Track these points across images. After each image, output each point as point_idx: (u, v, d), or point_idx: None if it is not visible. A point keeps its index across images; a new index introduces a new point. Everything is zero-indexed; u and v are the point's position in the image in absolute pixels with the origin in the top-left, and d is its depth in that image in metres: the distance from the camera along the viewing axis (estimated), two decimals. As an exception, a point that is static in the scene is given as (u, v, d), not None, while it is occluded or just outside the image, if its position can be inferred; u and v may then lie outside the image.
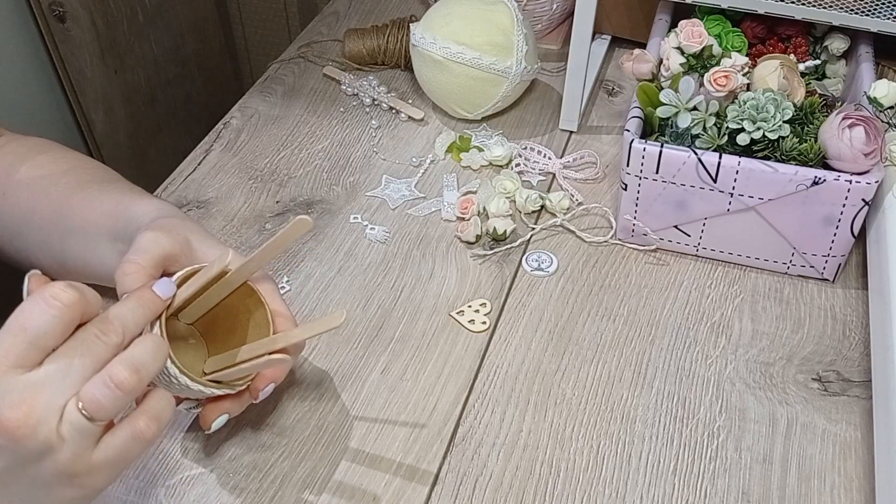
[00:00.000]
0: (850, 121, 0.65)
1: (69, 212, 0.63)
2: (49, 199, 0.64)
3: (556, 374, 0.66)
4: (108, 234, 0.61)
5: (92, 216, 0.62)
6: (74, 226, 0.63)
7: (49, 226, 0.64)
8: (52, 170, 0.66)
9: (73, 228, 0.63)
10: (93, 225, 0.62)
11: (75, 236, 0.63)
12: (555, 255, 0.76)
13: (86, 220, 0.63)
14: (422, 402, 0.64)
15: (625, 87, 0.97)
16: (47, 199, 0.64)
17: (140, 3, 1.20)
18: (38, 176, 0.66)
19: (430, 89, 0.90)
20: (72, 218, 0.63)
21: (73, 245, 0.64)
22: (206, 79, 1.41)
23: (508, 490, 0.59)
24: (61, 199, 0.64)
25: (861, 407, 0.64)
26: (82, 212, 0.63)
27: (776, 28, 0.85)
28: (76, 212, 0.63)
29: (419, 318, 0.71)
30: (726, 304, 0.72)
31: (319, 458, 0.61)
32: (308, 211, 0.81)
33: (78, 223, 0.63)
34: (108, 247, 0.62)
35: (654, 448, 0.61)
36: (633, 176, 0.71)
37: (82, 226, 0.63)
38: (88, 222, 0.62)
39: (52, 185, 0.65)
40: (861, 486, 0.59)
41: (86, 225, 0.62)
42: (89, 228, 0.62)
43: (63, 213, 0.64)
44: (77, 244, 0.63)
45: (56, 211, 0.64)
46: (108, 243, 0.62)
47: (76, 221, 0.63)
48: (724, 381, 0.66)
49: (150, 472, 0.60)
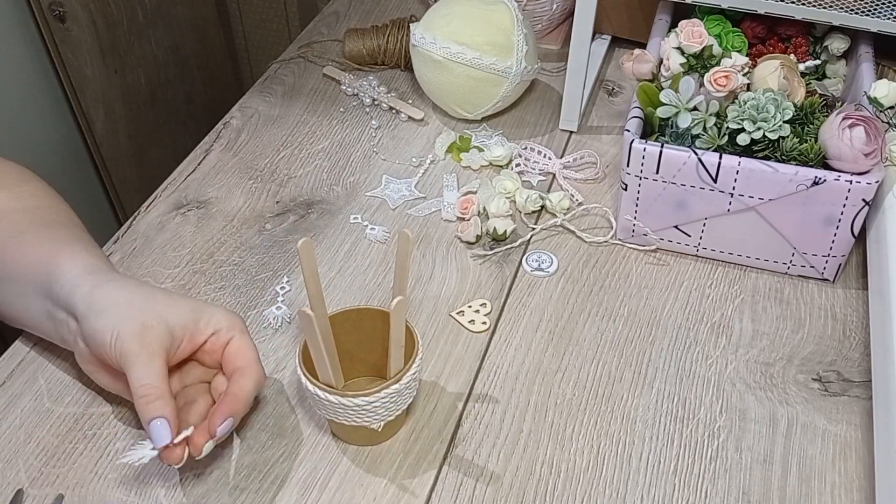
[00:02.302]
0: (851, 121, 0.65)
1: (5, 257, 0.62)
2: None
3: (556, 374, 0.66)
4: (35, 288, 0.61)
5: (24, 266, 0.61)
6: (6, 274, 0.62)
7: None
8: (3, 207, 0.65)
9: (8, 276, 0.62)
10: (22, 276, 0.61)
11: (7, 285, 0.62)
12: (555, 256, 0.76)
13: (16, 270, 0.62)
14: (422, 403, 0.64)
15: (625, 87, 0.97)
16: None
17: (140, 3, 1.20)
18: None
19: (430, 89, 0.90)
20: (8, 264, 0.62)
21: (6, 292, 0.63)
22: (206, 79, 1.41)
23: (509, 490, 0.59)
24: (2, 242, 0.63)
25: (861, 407, 0.64)
26: (14, 260, 0.62)
27: (776, 28, 0.85)
28: (12, 258, 0.62)
29: (419, 318, 0.71)
30: (726, 304, 0.72)
31: (319, 458, 0.61)
32: (308, 211, 0.81)
33: (9, 272, 0.62)
34: (37, 302, 0.61)
35: (655, 448, 0.61)
36: (634, 176, 0.71)
37: (15, 275, 0.62)
38: (18, 273, 0.61)
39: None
40: (861, 487, 0.59)
41: (15, 275, 0.62)
42: (19, 279, 0.61)
43: (1, 258, 0.62)
44: (10, 292, 0.63)
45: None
46: (36, 298, 0.61)
47: (8, 271, 0.62)
48: (724, 382, 0.66)
49: (150, 472, 0.59)
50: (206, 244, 0.78)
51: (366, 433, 0.59)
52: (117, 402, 0.64)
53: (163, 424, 0.54)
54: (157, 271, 0.75)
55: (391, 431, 0.61)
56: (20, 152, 0.72)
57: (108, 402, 0.64)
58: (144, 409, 0.54)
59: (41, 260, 0.61)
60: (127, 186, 1.26)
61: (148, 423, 0.54)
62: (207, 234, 0.78)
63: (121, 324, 0.56)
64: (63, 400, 0.64)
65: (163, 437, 0.54)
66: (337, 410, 0.57)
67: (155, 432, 0.54)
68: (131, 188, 1.27)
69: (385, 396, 0.56)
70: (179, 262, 0.75)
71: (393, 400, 0.57)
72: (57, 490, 0.58)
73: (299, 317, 0.53)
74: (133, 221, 0.80)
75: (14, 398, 0.64)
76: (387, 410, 0.57)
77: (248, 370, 0.59)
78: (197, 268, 0.75)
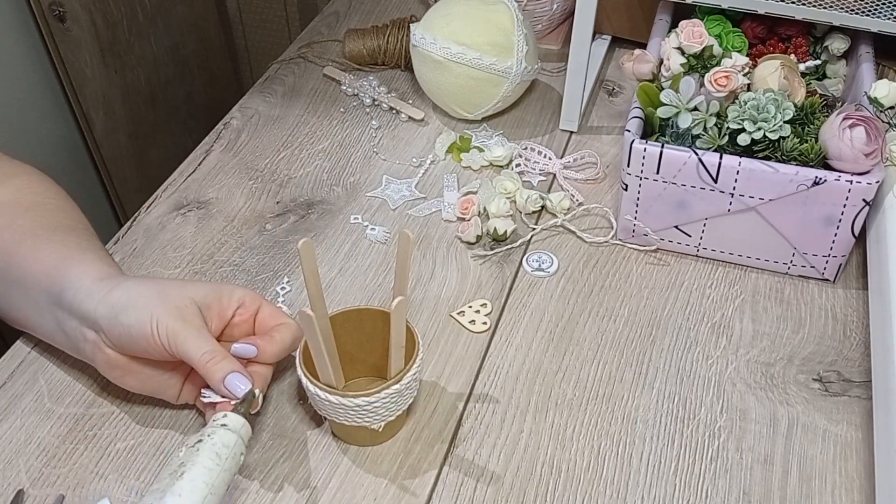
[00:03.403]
0: (851, 121, 0.65)
1: (14, 261, 0.62)
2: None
3: (556, 374, 0.66)
4: (45, 294, 0.60)
5: (32, 271, 0.61)
6: (16, 278, 0.62)
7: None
8: (14, 208, 0.64)
9: (15, 280, 0.62)
10: (32, 280, 0.61)
11: (17, 288, 0.62)
12: (555, 256, 0.76)
13: (26, 273, 0.61)
14: (423, 403, 0.64)
15: (625, 88, 0.97)
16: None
17: (140, 3, 1.20)
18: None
19: (430, 89, 0.90)
20: (16, 268, 0.62)
21: (15, 296, 0.63)
22: (206, 79, 1.41)
23: (509, 490, 0.59)
24: (10, 244, 0.62)
25: (862, 407, 0.64)
26: (25, 263, 0.61)
27: (776, 28, 0.85)
28: (20, 262, 0.62)
29: (420, 318, 0.71)
30: (727, 304, 0.72)
31: (320, 458, 0.61)
32: (308, 211, 0.81)
33: (19, 276, 0.62)
34: (46, 309, 0.61)
35: (655, 448, 0.61)
36: (634, 176, 0.71)
37: (22, 280, 0.61)
38: (28, 277, 0.61)
39: (5, 229, 0.63)
40: (862, 487, 0.59)
41: (26, 279, 0.61)
42: (29, 284, 0.61)
43: (9, 262, 0.62)
44: (19, 296, 0.62)
45: (2, 258, 0.62)
46: (46, 305, 0.61)
47: (18, 273, 0.62)
48: (724, 382, 0.66)
49: (150, 472, 0.59)
50: (207, 244, 0.78)
51: (366, 433, 0.59)
52: (118, 402, 0.64)
53: (238, 377, 0.56)
54: (158, 272, 0.75)
55: (391, 431, 0.61)
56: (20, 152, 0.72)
57: (108, 403, 0.64)
58: (214, 369, 0.56)
59: (51, 268, 0.60)
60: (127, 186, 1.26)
61: (222, 381, 0.56)
62: (208, 235, 0.78)
63: (156, 310, 0.56)
64: (64, 400, 0.64)
65: (240, 387, 0.56)
66: (337, 410, 0.57)
67: (233, 385, 0.56)
68: (131, 188, 1.27)
69: (385, 397, 0.56)
70: (180, 263, 0.75)
71: (393, 400, 0.57)
72: (58, 490, 0.58)
73: (300, 317, 0.53)
74: (133, 222, 0.80)
75: (15, 399, 0.64)
76: (387, 410, 0.57)
77: (284, 327, 0.61)
78: (197, 268, 0.75)
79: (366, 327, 0.61)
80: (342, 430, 0.61)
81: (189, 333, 0.56)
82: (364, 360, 0.63)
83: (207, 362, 0.56)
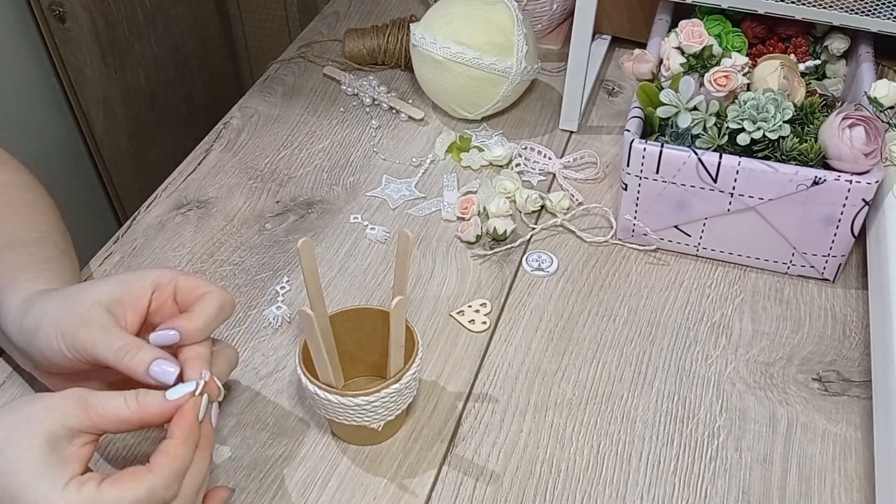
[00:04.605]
0: (851, 121, 0.65)
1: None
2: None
3: (556, 374, 0.66)
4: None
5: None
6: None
7: None
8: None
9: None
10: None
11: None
12: (555, 255, 0.76)
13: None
14: (422, 402, 0.64)
15: (625, 87, 0.97)
16: None
17: (140, 3, 1.20)
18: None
19: (430, 89, 0.90)
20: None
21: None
22: (206, 79, 1.41)
23: (509, 490, 0.59)
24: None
25: (861, 407, 0.64)
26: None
27: (776, 28, 0.85)
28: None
29: (419, 318, 0.71)
30: (726, 304, 0.72)
31: (319, 457, 0.61)
32: (308, 211, 0.81)
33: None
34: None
35: (655, 448, 0.61)
36: (634, 176, 0.71)
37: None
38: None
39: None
40: (861, 486, 0.59)
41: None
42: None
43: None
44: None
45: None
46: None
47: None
48: (724, 381, 0.66)
49: (150, 471, 0.59)
50: (207, 244, 0.78)
51: (366, 433, 0.59)
52: (117, 401, 0.64)
53: (162, 363, 0.50)
54: (157, 271, 0.75)
55: (391, 431, 0.61)
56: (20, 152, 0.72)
57: (108, 402, 0.64)
58: (133, 363, 0.50)
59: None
60: (127, 186, 1.27)
61: (146, 373, 0.50)
62: (207, 234, 0.78)
63: (58, 326, 0.53)
64: (63, 400, 0.64)
65: (169, 371, 0.50)
66: (337, 410, 0.57)
67: (159, 374, 0.50)
68: (131, 188, 1.27)
69: (385, 396, 0.56)
70: (180, 262, 0.76)
71: (393, 399, 0.57)
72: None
73: (299, 316, 0.53)
74: (133, 221, 0.80)
75: (14, 399, 0.64)
76: (387, 410, 0.57)
77: (205, 297, 0.55)
78: (197, 267, 0.75)
79: (365, 327, 0.61)
80: (342, 429, 0.61)
81: (95, 337, 0.51)
82: (363, 360, 0.63)
83: (123, 358, 0.50)
